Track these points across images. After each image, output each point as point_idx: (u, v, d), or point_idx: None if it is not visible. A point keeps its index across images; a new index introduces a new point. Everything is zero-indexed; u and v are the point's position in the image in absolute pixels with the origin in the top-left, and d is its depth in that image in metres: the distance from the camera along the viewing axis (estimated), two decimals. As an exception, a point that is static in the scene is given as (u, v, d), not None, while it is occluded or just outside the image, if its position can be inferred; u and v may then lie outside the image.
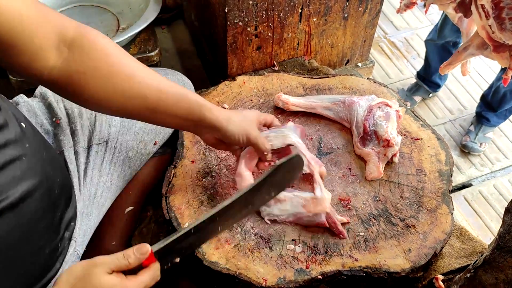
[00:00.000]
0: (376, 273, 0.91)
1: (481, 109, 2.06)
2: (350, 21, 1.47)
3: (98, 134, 0.98)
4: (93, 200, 0.94)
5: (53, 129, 0.96)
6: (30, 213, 0.69)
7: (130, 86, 0.79)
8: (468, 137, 2.05)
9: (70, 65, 0.74)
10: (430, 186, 1.05)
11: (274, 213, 0.96)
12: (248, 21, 1.32)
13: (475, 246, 1.07)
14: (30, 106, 0.97)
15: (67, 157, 0.92)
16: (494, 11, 0.88)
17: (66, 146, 0.93)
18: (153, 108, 0.82)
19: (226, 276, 0.90)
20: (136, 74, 0.80)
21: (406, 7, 1.19)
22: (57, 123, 0.96)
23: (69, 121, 0.97)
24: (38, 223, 0.71)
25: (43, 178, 0.73)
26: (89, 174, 0.94)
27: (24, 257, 0.70)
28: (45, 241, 0.75)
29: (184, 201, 1.01)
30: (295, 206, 0.94)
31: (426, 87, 2.19)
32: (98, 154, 0.97)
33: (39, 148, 0.76)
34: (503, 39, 0.90)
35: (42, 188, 0.72)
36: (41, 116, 0.96)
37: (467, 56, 1.07)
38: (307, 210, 0.94)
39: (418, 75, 2.22)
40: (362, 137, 1.10)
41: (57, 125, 0.96)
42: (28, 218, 0.69)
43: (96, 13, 1.63)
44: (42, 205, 0.72)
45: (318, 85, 1.28)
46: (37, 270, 0.75)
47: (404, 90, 2.25)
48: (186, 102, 0.85)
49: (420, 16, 2.65)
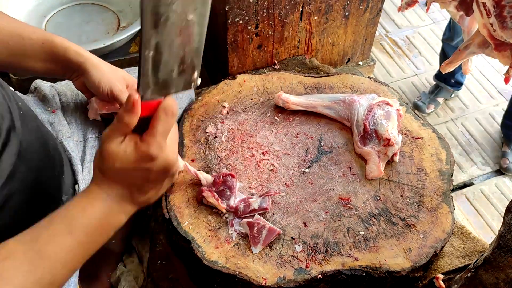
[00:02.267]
0: (376, 272, 0.91)
1: (509, 130, 2.04)
2: (351, 19, 1.47)
3: (94, 128, 0.98)
4: None
5: (49, 118, 0.96)
6: (35, 162, 0.74)
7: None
8: (507, 160, 2.02)
9: None
10: (430, 185, 1.05)
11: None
12: (249, 19, 1.31)
13: (476, 246, 1.07)
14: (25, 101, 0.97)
15: (67, 146, 0.92)
16: (496, 9, 0.87)
17: (64, 136, 0.94)
18: (18, 54, 0.83)
19: (226, 275, 0.90)
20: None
21: (407, 5, 1.18)
22: (53, 112, 0.96)
23: (64, 114, 0.98)
24: (44, 172, 0.77)
25: (39, 135, 0.78)
26: (86, 166, 0.94)
27: (40, 203, 0.74)
28: (52, 190, 0.78)
29: (184, 200, 1.00)
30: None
31: (449, 87, 2.17)
32: (95, 147, 0.97)
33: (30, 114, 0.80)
34: (505, 37, 0.90)
35: (38, 141, 0.77)
36: (35, 107, 0.96)
37: (469, 54, 1.07)
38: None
39: (437, 77, 2.20)
40: (363, 136, 1.10)
41: (53, 115, 0.96)
42: (35, 165, 0.74)
43: (96, 11, 1.63)
44: (42, 157, 0.77)
45: (319, 84, 1.28)
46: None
47: (426, 93, 2.23)
48: (50, 45, 0.85)
49: (422, 14, 2.64)
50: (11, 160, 0.69)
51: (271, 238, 0.93)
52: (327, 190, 1.04)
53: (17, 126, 0.72)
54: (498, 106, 2.23)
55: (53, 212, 0.62)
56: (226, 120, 1.17)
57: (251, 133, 1.14)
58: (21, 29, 0.83)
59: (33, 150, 0.75)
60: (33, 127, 0.79)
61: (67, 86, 1.01)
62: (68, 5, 1.64)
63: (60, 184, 0.84)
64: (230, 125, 1.16)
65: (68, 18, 1.59)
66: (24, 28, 0.84)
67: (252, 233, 0.93)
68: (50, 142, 0.84)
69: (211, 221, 0.97)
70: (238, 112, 1.19)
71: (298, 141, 1.13)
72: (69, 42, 0.87)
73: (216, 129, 1.15)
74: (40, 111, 0.96)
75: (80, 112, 0.98)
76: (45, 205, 0.78)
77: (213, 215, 0.98)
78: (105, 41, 1.37)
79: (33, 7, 1.58)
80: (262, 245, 0.93)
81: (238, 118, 1.18)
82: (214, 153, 1.10)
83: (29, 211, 0.72)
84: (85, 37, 1.52)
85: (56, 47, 0.85)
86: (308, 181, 1.05)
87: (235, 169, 1.07)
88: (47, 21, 1.57)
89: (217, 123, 1.16)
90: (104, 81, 0.87)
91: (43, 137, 0.81)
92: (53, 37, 0.86)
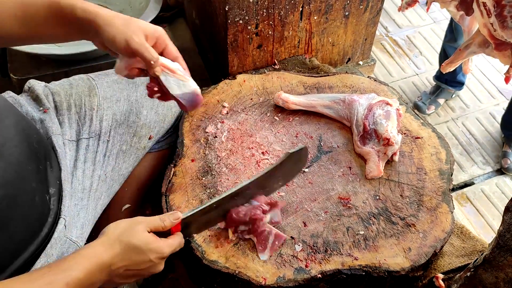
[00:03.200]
0: (376, 272, 0.91)
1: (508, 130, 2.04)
2: (351, 19, 1.47)
3: (88, 128, 0.98)
4: (89, 193, 0.94)
5: (40, 116, 0.96)
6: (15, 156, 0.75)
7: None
8: (508, 160, 2.01)
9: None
10: (430, 184, 1.05)
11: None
12: (249, 19, 1.31)
13: (476, 245, 1.07)
14: (15, 99, 0.97)
15: (55, 142, 0.92)
16: (496, 9, 0.87)
17: (54, 133, 0.93)
18: (28, 23, 0.80)
19: (226, 275, 0.90)
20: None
21: (407, 5, 1.18)
22: (45, 112, 0.96)
23: (56, 113, 0.98)
24: (26, 166, 0.77)
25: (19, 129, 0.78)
26: (80, 167, 0.94)
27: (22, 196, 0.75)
28: (36, 184, 0.79)
29: (184, 200, 1.01)
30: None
31: (450, 88, 2.17)
32: (89, 148, 0.97)
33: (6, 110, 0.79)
34: (505, 37, 0.89)
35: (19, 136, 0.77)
36: (26, 106, 0.96)
37: (469, 54, 1.07)
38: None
39: (438, 78, 2.20)
40: (362, 135, 1.10)
41: (44, 114, 0.96)
42: (15, 159, 0.74)
43: (97, 11, 1.63)
44: (23, 151, 0.77)
45: (318, 83, 1.28)
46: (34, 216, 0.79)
47: (426, 93, 2.23)
48: (56, 7, 0.80)
49: (422, 14, 2.64)
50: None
51: (278, 244, 0.93)
52: (326, 190, 1.04)
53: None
54: (499, 106, 2.23)
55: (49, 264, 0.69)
56: (226, 120, 1.17)
57: (251, 133, 1.14)
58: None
59: (12, 145, 0.75)
60: (11, 123, 0.78)
61: (61, 86, 1.01)
62: (69, 5, 1.64)
63: (46, 176, 0.84)
64: (230, 125, 1.16)
65: (69, 18, 1.59)
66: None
67: (258, 240, 0.92)
68: (34, 136, 0.84)
69: (211, 220, 0.98)
70: (238, 112, 1.19)
71: (298, 141, 1.14)
72: (78, 1, 0.81)
73: (216, 129, 1.15)
74: (32, 109, 0.96)
75: (74, 112, 0.99)
76: (30, 197, 0.78)
77: (213, 214, 0.99)
78: (105, 41, 1.38)
79: (34, 7, 1.58)
80: (270, 252, 0.92)
81: (238, 118, 1.18)
82: (214, 153, 1.10)
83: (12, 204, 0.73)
84: (85, 37, 1.52)
85: (62, 8, 0.80)
86: (307, 180, 1.05)
87: (235, 168, 1.07)
88: (47, 21, 1.57)
89: (217, 123, 1.16)
90: (119, 36, 0.79)
91: (24, 132, 0.80)
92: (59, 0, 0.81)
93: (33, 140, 0.82)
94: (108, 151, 1.00)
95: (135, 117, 1.03)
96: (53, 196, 0.85)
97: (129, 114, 1.03)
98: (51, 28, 0.82)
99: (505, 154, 2.02)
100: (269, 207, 0.94)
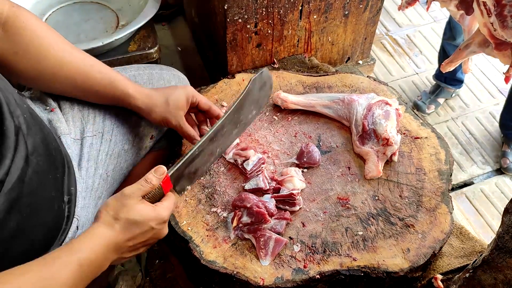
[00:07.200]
0: (375, 272, 0.90)
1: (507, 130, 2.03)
2: (351, 18, 1.46)
3: (91, 126, 0.98)
4: (90, 192, 0.94)
5: (48, 117, 0.95)
6: (40, 165, 0.76)
7: (59, 69, 0.86)
8: (507, 159, 2.01)
9: (2, 44, 0.80)
10: (429, 185, 1.05)
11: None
12: (248, 18, 1.31)
13: (475, 246, 1.06)
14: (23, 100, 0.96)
15: (65, 142, 0.92)
16: (496, 8, 0.87)
17: (63, 133, 0.93)
18: (82, 90, 0.91)
19: (224, 275, 0.89)
20: (66, 58, 0.86)
21: (407, 4, 1.17)
22: (52, 111, 0.96)
23: (61, 112, 0.97)
24: (47, 174, 0.79)
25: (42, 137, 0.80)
26: (84, 166, 0.94)
27: (43, 205, 0.76)
28: (54, 192, 0.80)
29: (182, 200, 1.00)
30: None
31: (449, 86, 2.16)
32: (93, 146, 0.97)
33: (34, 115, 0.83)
34: (505, 36, 0.89)
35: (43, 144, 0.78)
36: (32, 105, 0.96)
37: (469, 53, 1.06)
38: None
39: (437, 77, 2.19)
40: (361, 135, 1.09)
41: (52, 113, 0.96)
42: (40, 167, 0.76)
43: (95, 9, 1.62)
44: (46, 159, 0.79)
45: (318, 83, 1.27)
46: (52, 224, 0.80)
47: (426, 93, 2.22)
48: (112, 91, 0.92)
49: (422, 13, 2.64)
50: (20, 164, 0.70)
51: (279, 249, 0.92)
52: (325, 190, 1.03)
53: (23, 129, 0.72)
54: (499, 105, 2.22)
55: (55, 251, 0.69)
56: (224, 119, 1.17)
57: (250, 132, 1.14)
58: (88, 66, 0.89)
59: (38, 153, 0.75)
60: (37, 129, 0.79)
61: None
62: (67, 3, 1.63)
63: (62, 185, 0.84)
64: (229, 124, 1.16)
65: (67, 17, 1.59)
66: (92, 66, 0.90)
67: (258, 246, 0.92)
68: (52, 143, 0.84)
69: (209, 220, 0.97)
70: (236, 111, 1.19)
71: (297, 141, 1.13)
72: (128, 86, 0.93)
73: (215, 128, 1.14)
74: (39, 110, 0.95)
75: (77, 110, 0.98)
76: (49, 205, 0.78)
77: (211, 214, 0.98)
78: (104, 40, 1.37)
79: (32, 5, 1.57)
80: (271, 257, 0.91)
81: (237, 117, 1.17)
82: (213, 153, 1.09)
83: (34, 212, 0.73)
84: (83, 36, 1.52)
85: (117, 93, 0.92)
86: (306, 180, 1.05)
87: (233, 168, 1.06)
88: (46, 19, 1.57)
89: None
90: (162, 120, 0.96)
91: (46, 139, 0.81)
92: (115, 81, 0.92)
93: (51, 147, 0.83)
94: (110, 149, 0.99)
95: (137, 117, 1.03)
96: (67, 204, 0.85)
97: (131, 113, 1.03)
98: (101, 100, 0.95)
99: (505, 154, 2.02)
100: (278, 216, 0.95)
